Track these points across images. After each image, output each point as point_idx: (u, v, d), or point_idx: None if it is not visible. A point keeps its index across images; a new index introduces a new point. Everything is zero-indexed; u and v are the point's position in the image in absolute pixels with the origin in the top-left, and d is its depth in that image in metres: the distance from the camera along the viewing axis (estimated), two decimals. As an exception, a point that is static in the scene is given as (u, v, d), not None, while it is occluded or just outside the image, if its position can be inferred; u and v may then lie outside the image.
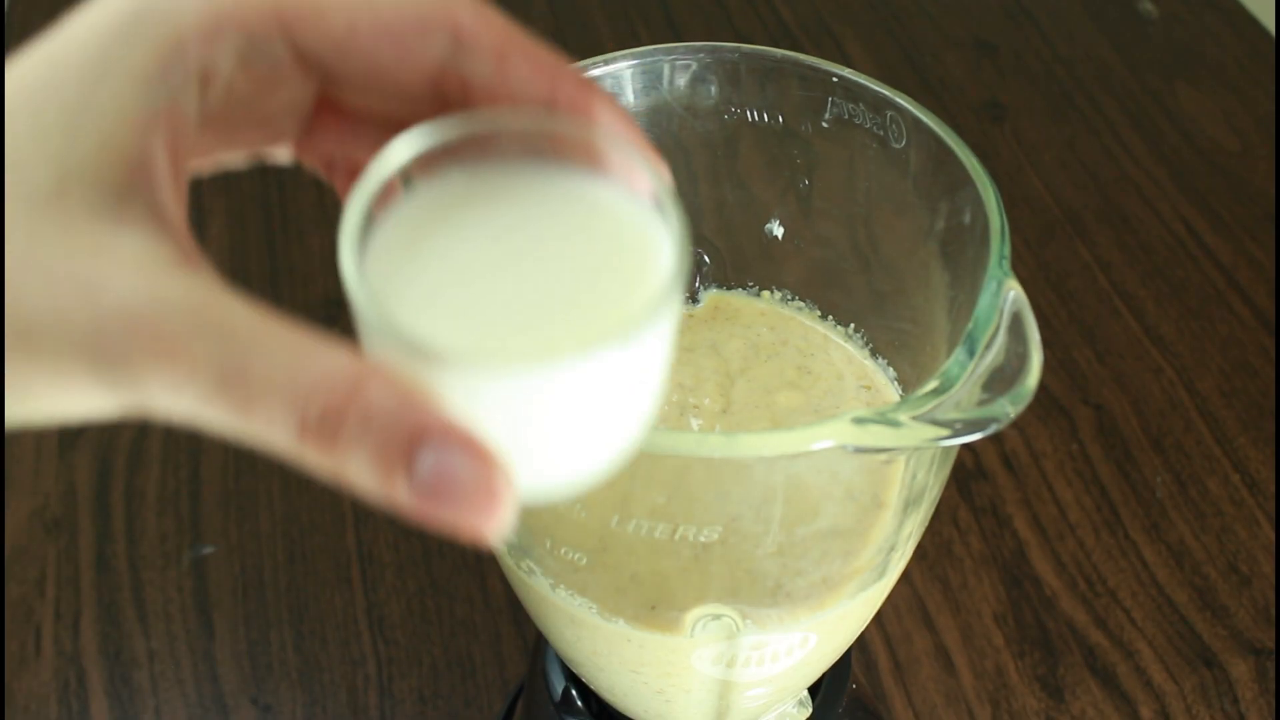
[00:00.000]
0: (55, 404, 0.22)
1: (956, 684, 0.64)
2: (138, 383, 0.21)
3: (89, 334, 0.21)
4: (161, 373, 0.21)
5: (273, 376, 0.21)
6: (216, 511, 0.70)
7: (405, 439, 0.20)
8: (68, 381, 0.21)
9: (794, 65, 0.40)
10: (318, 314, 0.80)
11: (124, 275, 0.21)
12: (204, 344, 0.21)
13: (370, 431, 0.20)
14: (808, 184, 0.43)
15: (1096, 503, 0.71)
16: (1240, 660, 0.64)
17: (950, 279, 0.39)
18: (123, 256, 0.22)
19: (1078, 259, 0.84)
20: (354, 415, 0.20)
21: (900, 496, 0.38)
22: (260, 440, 0.21)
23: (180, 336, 0.21)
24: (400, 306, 0.23)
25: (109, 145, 0.22)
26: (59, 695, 0.63)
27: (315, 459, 0.21)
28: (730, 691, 0.42)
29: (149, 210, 0.23)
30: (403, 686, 0.63)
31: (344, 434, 0.20)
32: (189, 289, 0.21)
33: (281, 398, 0.20)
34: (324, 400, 0.20)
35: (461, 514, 0.21)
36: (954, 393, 0.31)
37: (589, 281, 0.24)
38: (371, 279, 0.23)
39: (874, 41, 1.01)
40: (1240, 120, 0.94)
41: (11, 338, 0.21)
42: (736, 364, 0.45)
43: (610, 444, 0.24)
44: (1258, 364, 0.78)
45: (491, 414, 0.21)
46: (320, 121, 0.28)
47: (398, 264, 0.24)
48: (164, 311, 0.21)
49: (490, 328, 0.23)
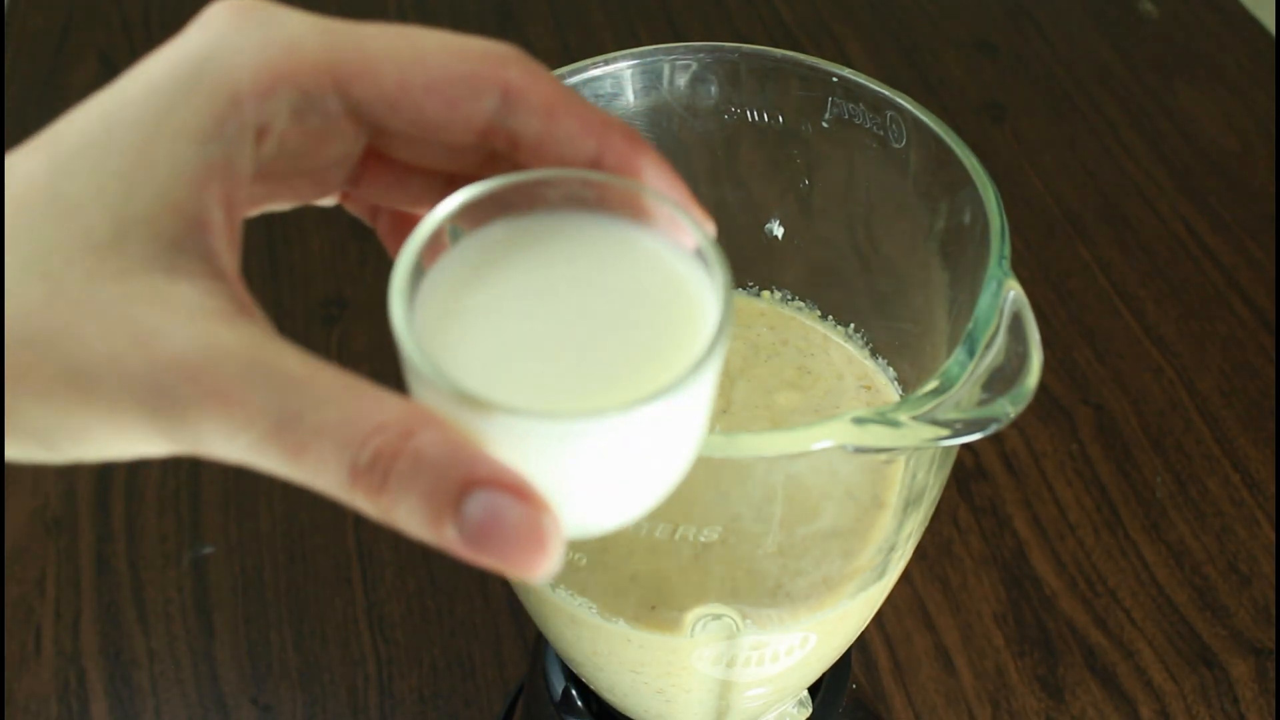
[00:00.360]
0: (109, 446, 0.23)
1: (956, 684, 0.64)
2: (193, 429, 0.22)
3: (145, 380, 0.21)
4: (216, 420, 0.21)
5: (325, 423, 0.21)
6: (216, 511, 0.70)
7: (455, 485, 0.21)
8: (123, 425, 0.22)
9: (794, 65, 0.40)
10: (317, 314, 0.80)
11: (180, 324, 0.22)
12: (258, 392, 0.21)
13: (420, 477, 0.21)
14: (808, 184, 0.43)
15: (1096, 503, 0.71)
16: (1240, 660, 0.64)
17: (950, 279, 0.39)
18: (178, 305, 0.22)
19: (1078, 259, 0.84)
20: (404, 461, 0.21)
21: (900, 496, 0.38)
22: (311, 483, 0.22)
23: (235, 384, 0.21)
24: (448, 356, 0.23)
25: (166, 199, 0.23)
26: (59, 695, 0.63)
27: (365, 504, 0.21)
28: (730, 691, 0.42)
29: (204, 262, 0.23)
30: (403, 686, 0.63)
31: (394, 479, 0.21)
32: (243, 338, 0.22)
33: (334, 443, 0.21)
34: (376, 446, 0.21)
35: (510, 556, 0.21)
36: (954, 393, 0.31)
37: (636, 332, 0.24)
38: (420, 329, 0.24)
39: (874, 41, 1.01)
40: (1240, 120, 0.94)
41: (68, 381, 0.22)
42: (736, 364, 0.45)
43: (653, 488, 0.25)
44: (1258, 364, 0.78)
45: (538, 463, 0.22)
46: (367, 172, 0.29)
47: (446, 314, 0.24)
48: (219, 360, 0.21)
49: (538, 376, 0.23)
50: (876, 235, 0.43)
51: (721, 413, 0.43)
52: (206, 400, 0.21)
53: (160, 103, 0.24)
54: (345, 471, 0.21)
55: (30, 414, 0.22)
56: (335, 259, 0.84)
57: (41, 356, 0.22)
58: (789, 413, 0.43)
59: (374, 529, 0.69)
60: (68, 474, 0.72)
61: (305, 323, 0.80)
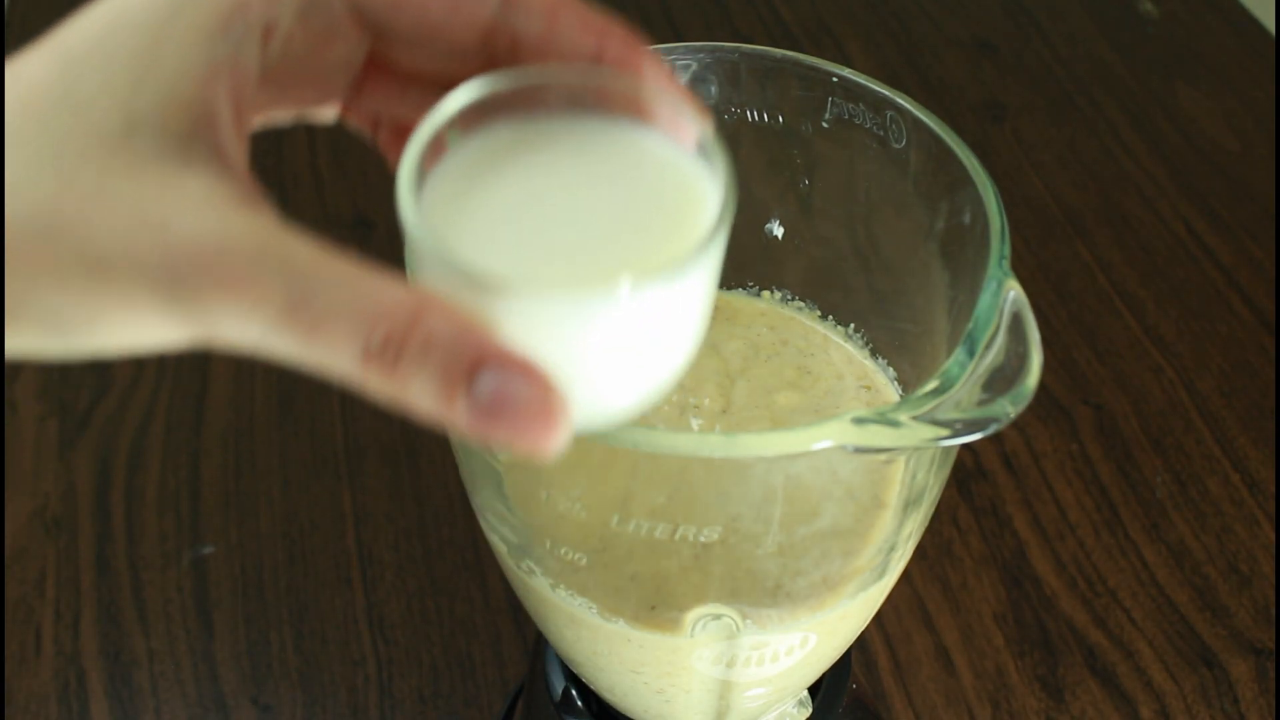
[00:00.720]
0: (126, 335, 0.23)
1: (956, 684, 0.64)
2: (207, 314, 0.22)
3: (160, 267, 0.22)
4: (230, 304, 0.22)
5: (337, 306, 0.22)
6: (216, 511, 0.70)
7: (465, 363, 0.21)
8: (139, 313, 0.22)
9: (794, 65, 0.40)
10: (318, 314, 0.80)
11: (191, 212, 0.22)
12: (271, 277, 0.22)
13: (431, 357, 0.21)
14: (808, 184, 0.43)
15: (1096, 503, 0.71)
16: (1240, 660, 0.64)
17: (950, 279, 0.39)
18: (189, 195, 0.23)
19: (1078, 259, 0.84)
20: (415, 341, 0.21)
21: (900, 496, 0.38)
22: (324, 366, 0.22)
23: (248, 269, 0.22)
24: (456, 244, 0.24)
25: (175, 95, 0.23)
26: (59, 695, 0.63)
27: (377, 383, 0.22)
28: (730, 691, 0.42)
29: (213, 154, 0.24)
30: (403, 686, 0.63)
31: (405, 359, 0.21)
32: (254, 226, 0.22)
33: (346, 326, 0.22)
34: (387, 327, 0.21)
35: (519, 431, 0.22)
36: (954, 393, 0.31)
37: (639, 221, 0.25)
38: (426, 223, 0.24)
39: (874, 41, 1.01)
40: (1240, 120, 0.94)
41: (84, 271, 0.22)
42: (736, 364, 0.45)
43: (655, 374, 0.25)
44: (1258, 364, 0.78)
45: (544, 343, 0.22)
46: (369, 80, 0.29)
47: (451, 208, 0.25)
48: (232, 246, 0.22)
49: (544, 262, 0.24)
50: (876, 235, 0.43)
51: (721, 413, 0.43)
52: (220, 285, 0.22)
53: (167, 3, 0.24)
54: (358, 353, 0.22)
55: (45, 303, 0.22)
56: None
57: (56, 247, 0.22)
58: (789, 413, 0.43)
59: (374, 529, 0.69)
60: (68, 474, 0.72)
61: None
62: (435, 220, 0.24)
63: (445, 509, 0.70)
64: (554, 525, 0.37)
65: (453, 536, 0.69)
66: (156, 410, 0.75)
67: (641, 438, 0.30)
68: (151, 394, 0.76)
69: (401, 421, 0.74)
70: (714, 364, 0.45)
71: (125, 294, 0.22)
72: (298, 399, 0.76)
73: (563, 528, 0.37)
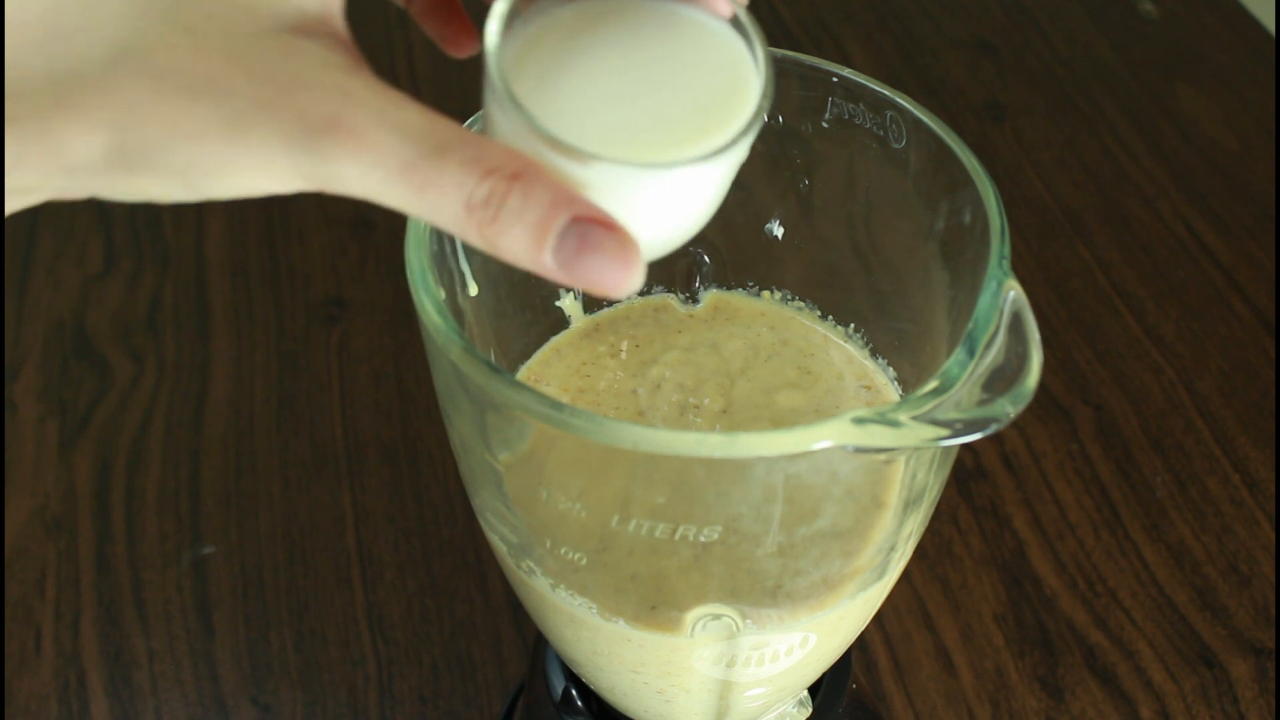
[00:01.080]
0: (248, 184, 0.25)
1: (956, 684, 0.64)
2: (332, 167, 0.25)
3: (293, 125, 0.24)
4: (354, 160, 0.25)
5: (447, 164, 0.25)
6: (216, 512, 0.70)
7: (555, 217, 0.25)
8: (268, 163, 0.25)
9: (794, 65, 0.40)
10: (318, 314, 0.80)
11: (316, 74, 0.25)
12: (390, 136, 0.25)
13: (527, 212, 0.25)
14: (808, 184, 0.43)
15: (1096, 503, 0.71)
16: (1240, 660, 0.64)
17: (950, 279, 0.39)
18: (312, 59, 0.25)
19: (1078, 259, 0.84)
20: (514, 198, 0.25)
21: (900, 496, 0.38)
22: (430, 217, 0.25)
23: (370, 129, 0.25)
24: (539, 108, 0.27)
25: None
26: (59, 695, 0.63)
27: (475, 233, 0.25)
28: (730, 691, 0.42)
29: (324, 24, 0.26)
30: (403, 686, 0.63)
31: (504, 213, 0.25)
32: (373, 89, 0.25)
33: (453, 181, 0.25)
34: (490, 185, 0.25)
35: (600, 275, 0.26)
36: (954, 393, 0.31)
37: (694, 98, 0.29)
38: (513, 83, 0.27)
39: (874, 41, 1.01)
40: (1240, 120, 0.94)
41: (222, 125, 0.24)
42: (736, 364, 0.45)
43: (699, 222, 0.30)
44: (1258, 364, 0.78)
45: (618, 202, 0.27)
46: None
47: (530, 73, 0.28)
48: (354, 106, 0.25)
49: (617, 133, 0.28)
50: (876, 235, 0.43)
51: (721, 413, 0.43)
52: (346, 142, 0.24)
53: None
54: (461, 205, 0.25)
55: (180, 156, 0.25)
56: (335, 259, 0.84)
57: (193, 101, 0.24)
58: (789, 413, 0.43)
59: (374, 529, 0.69)
60: (67, 474, 0.72)
61: (305, 322, 0.80)
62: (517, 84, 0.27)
63: (445, 509, 0.70)
64: (554, 525, 0.37)
65: (453, 536, 0.69)
66: (156, 410, 0.75)
67: (641, 438, 0.30)
68: (151, 394, 0.76)
69: (401, 421, 0.74)
70: (714, 364, 0.45)
71: (261, 149, 0.25)
72: (298, 399, 0.76)
73: (563, 528, 0.37)
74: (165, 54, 0.24)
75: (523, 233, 0.25)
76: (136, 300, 0.82)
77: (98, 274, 0.83)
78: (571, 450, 0.35)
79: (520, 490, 0.38)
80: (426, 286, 0.34)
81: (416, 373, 0.77)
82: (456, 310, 0.38)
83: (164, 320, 0.80)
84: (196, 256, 0.85)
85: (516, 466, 0.37)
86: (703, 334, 0.46)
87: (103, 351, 0.78)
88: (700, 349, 0.45)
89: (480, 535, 0.59)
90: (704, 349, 0.45)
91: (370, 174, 0.25)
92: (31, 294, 0.82)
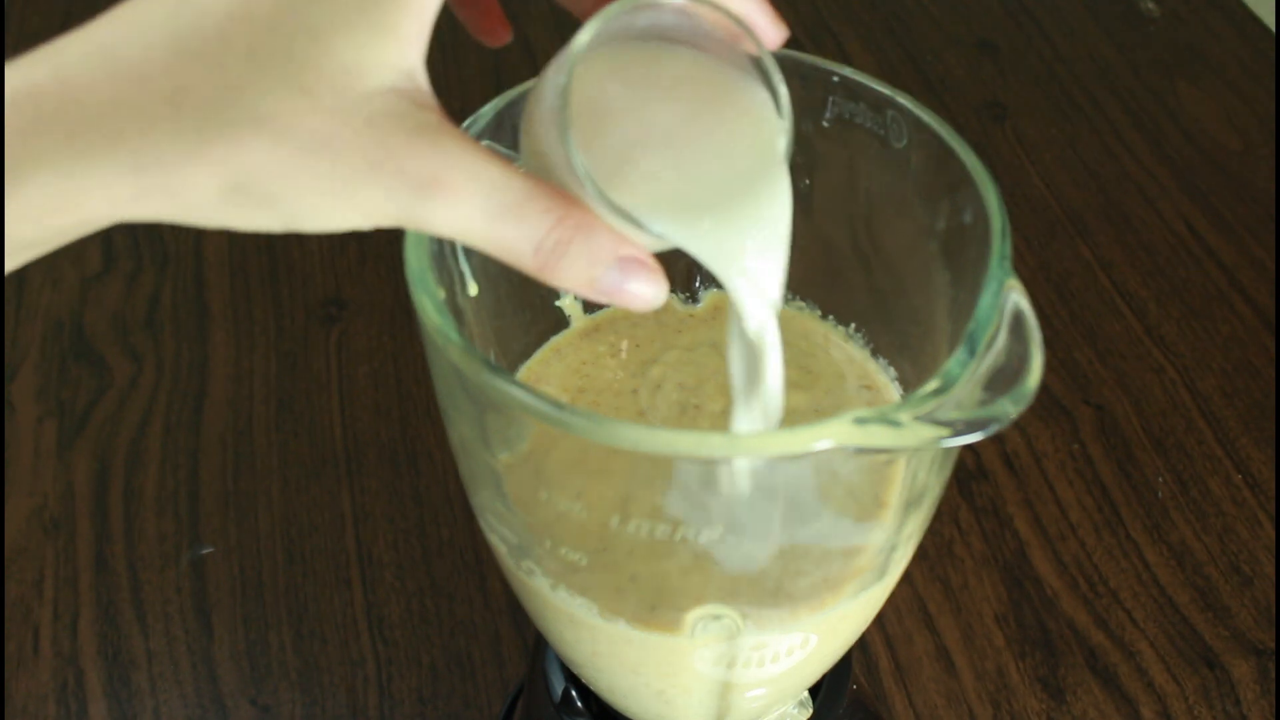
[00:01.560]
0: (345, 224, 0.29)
1: (957, 685, 0.64)
2: (427, 217, 0.28)
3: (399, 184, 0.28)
4: (447, 211, 0.28)
5: (524, 217, 0.29)
6: (215, 512, 0.70)
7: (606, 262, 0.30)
8: (369, 212, 0.28)
9: (794, 65, 0.40)
10: (317, 314, 0.80)
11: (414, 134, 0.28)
12: (480, 189, 0.28)
13: (584, 257, 0.30)
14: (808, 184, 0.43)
15: (1098, 503, 0.71)
16: (1242, 661, 0.64)
17: (951, 278, 0.39)
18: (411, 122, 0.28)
19: (1079, 258, 0.84)
20: (577, 245, 0.29)
21: (901, 497, 0.38)
22: (500, 255, 0.29)
23: (463, 184, 0.28)
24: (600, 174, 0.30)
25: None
26: (57, 696, 0.63)
27: (536, 268, 0.29)
28: (730, 692, 0.42)
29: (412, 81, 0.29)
30: (402, 687, 0.63)
31: (567, 258, 0.29)
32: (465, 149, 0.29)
33: (528, 231, 0.29)
34: (558, 235, 0.29)
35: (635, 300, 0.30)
36: (955, 393, 0.31)
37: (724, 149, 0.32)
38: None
39: (874, 41, 1.01)
40: (1242, 119, 0.94)
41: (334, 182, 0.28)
42: (737, 364, 0.44)
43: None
44: (1259, 364, 0.78)
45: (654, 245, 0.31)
46: None
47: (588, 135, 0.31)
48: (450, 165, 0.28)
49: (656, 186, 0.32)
50: (877, 235, 0.43)
51: (721, 413, 0.43)
52: (443, 197, 0.28)
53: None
54: (531, 249, 0.29)
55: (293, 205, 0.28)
56: (335, 259, 0.84)
57: (309, 157, 0.27)
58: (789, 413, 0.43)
59: (374, 529, 0.69)
60: (66, 474, 0.72)
61: (305, 323, 0.80)
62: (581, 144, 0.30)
63: (445, 509, 0.70)
64: (554, 525, 0.37)
65: (452, 537, 0.69)
66: (155, 410, 0.75)
67: (641, 438, 0.30)
68: (150, 394, 0.76)
69: (401, 421, 0.74)
70: (714, 364, 0.45)
71: (365, 202, 0.28)
72: (296, 399, 0.76)
73: (562, 528, 0.37)
74: (287, 116, 0.27)
75: (577, 272, 0.30)
76: (135, 300, 0.81)
77: (96, 274, 0.83)
78: (571, 450, 0.35)
79: (520, 490, 0.38)
80: (426, 286, 0.34)
81: (416, 373, 0.77)
82: (456, 310, 0.38)
83: (163, 320, 0.80)
84: (195, 256, 0.84)
85: (516, 466, 0.37)
86: (703, 334, 0.46)
87: (101, 351, 0.78)
88: (700, 349, 0.45)
89: (480, 535, 0.59)
90: (704, 349, 0.45)
91: (459, 221, 0.29)
92: (30, 294, 0.82)
